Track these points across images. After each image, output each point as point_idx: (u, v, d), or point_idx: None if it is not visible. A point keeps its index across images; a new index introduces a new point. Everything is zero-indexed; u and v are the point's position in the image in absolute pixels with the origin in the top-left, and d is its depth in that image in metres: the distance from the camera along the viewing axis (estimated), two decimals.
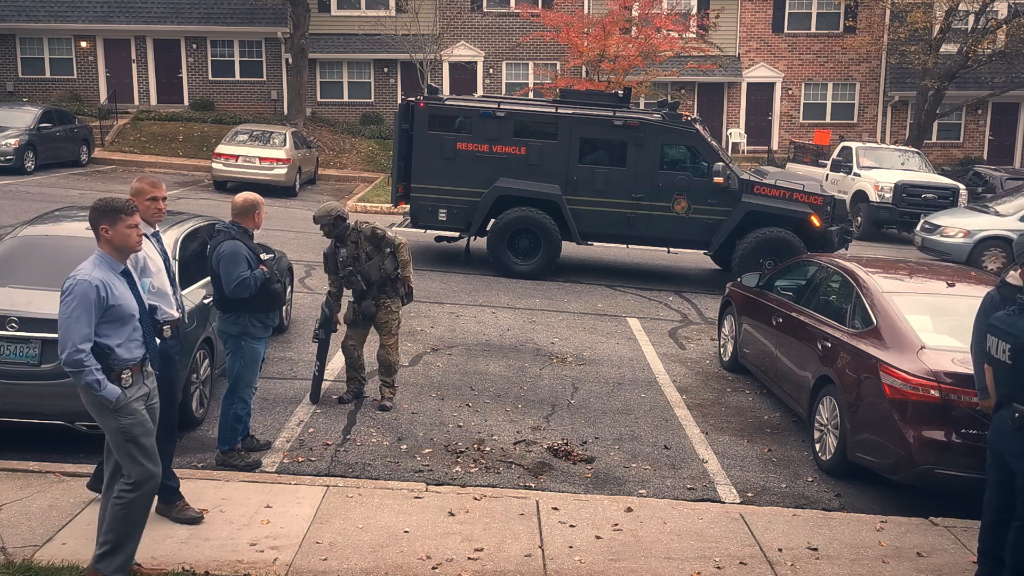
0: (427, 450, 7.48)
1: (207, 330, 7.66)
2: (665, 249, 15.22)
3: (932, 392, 6.63)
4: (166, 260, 5.73)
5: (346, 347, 8.50)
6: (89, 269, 4.86)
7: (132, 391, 4.89)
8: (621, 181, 14.51)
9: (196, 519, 5.85)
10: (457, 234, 15.13)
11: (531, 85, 31.15)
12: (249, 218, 6.89)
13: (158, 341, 5.36)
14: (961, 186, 22.35)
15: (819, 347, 8.01)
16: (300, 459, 7.12)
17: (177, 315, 5.77)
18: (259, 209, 6.92)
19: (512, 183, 14.52)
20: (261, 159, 22.69)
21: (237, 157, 22.74)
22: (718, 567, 5.79)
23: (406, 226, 15.17)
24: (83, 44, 31.70)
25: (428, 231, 15.18)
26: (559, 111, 14.73)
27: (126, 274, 4.98)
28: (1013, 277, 6.30)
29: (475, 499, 6.50)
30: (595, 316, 12.52)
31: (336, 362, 9.50)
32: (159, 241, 5.73)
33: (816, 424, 7.87)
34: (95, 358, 4.73)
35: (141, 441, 4.90)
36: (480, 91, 31.49)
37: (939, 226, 18.13)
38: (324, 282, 13.28)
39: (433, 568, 5.51)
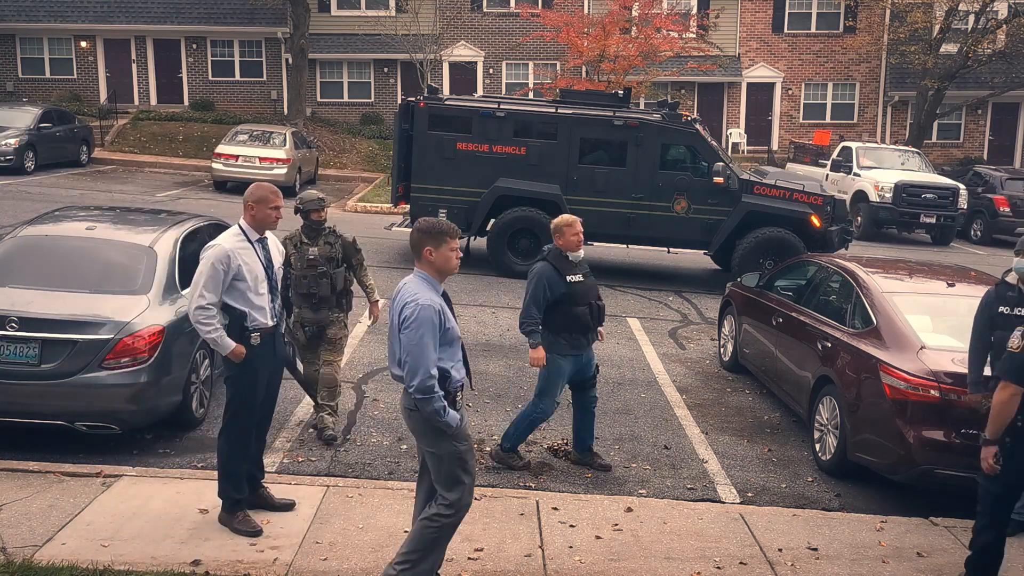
0: None
1: None
2: (665, 249, 15.22)
3: (932, 392, 6.63)
4: (268, 268, 5.75)
5: (310, 376, 7.53)
6: (423, 291, 4.76)
7: (462, 414, 4.87)
8: (621, 181, 14.50)
9: (256, 532, 5.75)
10: None
11: (531, 85, 31.15)
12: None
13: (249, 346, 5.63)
14: (961, 186, 22.36)
15: (819, 347, 8.01)
16: (300, 459, 7.12)
17: (271, 324, 5.77)
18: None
19: (512, 183, 14.51)
20: (261, 159, 22.70)
21: (237, 157, 22.74)
22: (718, 567, 5.79)
23: (406, 226, 15.15)
24: (83, 44, 31.70)
25: None
26: (559, 111, 14.73)
27: (445, 296, 4.93)
28: (1013, 276, 6.30)
29: (475, 499, 6.48)
30: None
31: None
32: (264, 248, 5.79)
33: (816, 424, 7.87)
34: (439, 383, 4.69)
35: (469, 466, 4.91)
36: (480, 91, 31.48)
37: None
38: None
39: None
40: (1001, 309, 6.22)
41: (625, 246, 15.22)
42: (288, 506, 6.09)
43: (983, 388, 6.22)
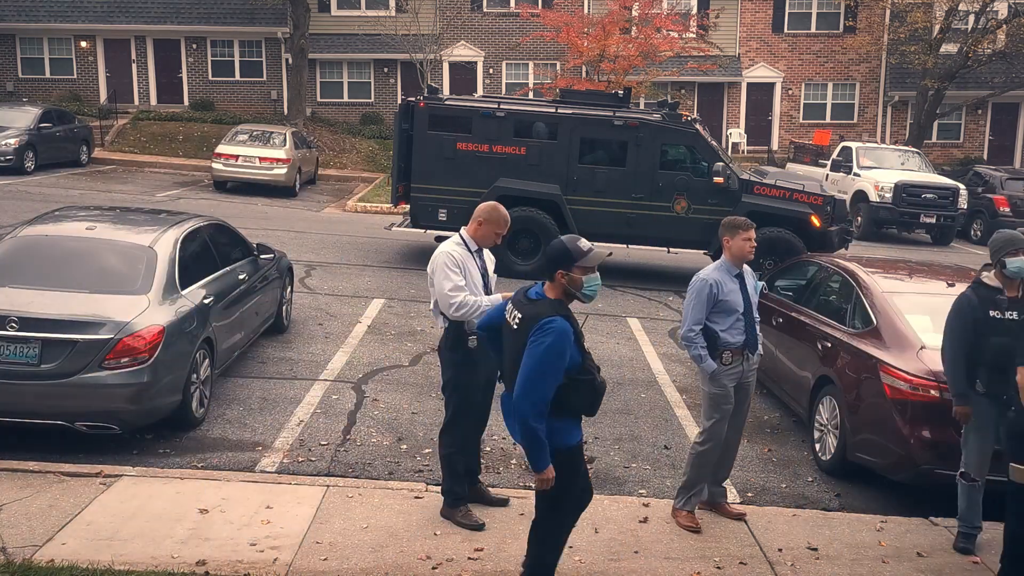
0: (427, 450, 7.48)
1: (207, 330, 7.65)
2: (665, 249, 15.22)
3: (932, 392, 6.63)
4: (484, 276, 6.08)
5: None
6: (710, 271, 6.38)
7: (728, 369, 6.22)
8: (621, 181, 14.50)
9: (478, 526, 6.01)
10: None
11: (531, 85, 31.16)
12: None
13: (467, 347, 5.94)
14: (961, 186, 22.36)
15: (819, 347, 8.01)
16: (300, 459, 7.12)
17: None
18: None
19: (512, 183, 14.51)
20: (261, 159, 22.70)
21: (237, 157, 22.74)
22: (718, 567, 5.79)
23: (406, 226, 15.15)
24: (83, 44, 31.71)
25: (428, 231, 15.17)
26: (559, 111, 14.72)
27: (739, 277, 6.37)
28: (989, 277, 6.19)
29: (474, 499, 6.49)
30: (595, 316, 12.51)
31: (337, 361, 9.52)
32: (481, 258, 6.16)
33: (816, 424, 7.87)
34: (704, 339, 6.21)
35: (723, 408, 6.25)
36: (480, 91, 31.48)
37: None
38: (325, 281, 13.38)
39: (433, 568, 5.51)
40: (992, 313, 5.99)
41: (625, 246, 15.20)
42: (503, 502, 6.35)
43: (969, 401, 6.09)
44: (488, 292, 6.08)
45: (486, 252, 6.28)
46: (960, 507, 6.31)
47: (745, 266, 6.50)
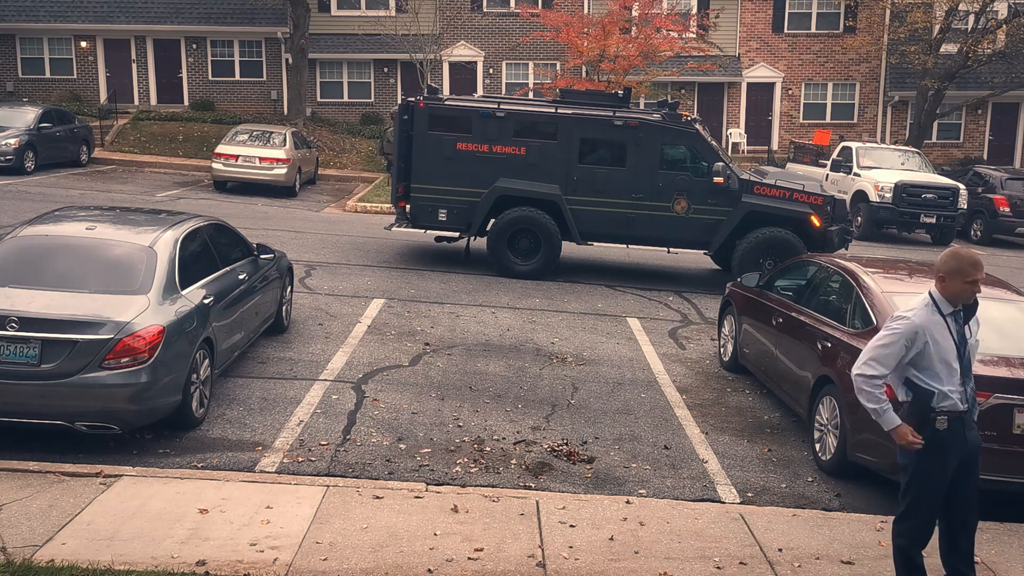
0: (427, 450, 7.48)
1: (207, 330, 7.66)
2: (665, 249, 15.21)
3: None
4: (961, 345, 5.15)
5: None
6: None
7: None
8: (621, 181, 14.50)
9: None
10: (457, 234, 15.12)
11: (531, 85, 31.16)
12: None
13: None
14: (961, 186, 22.36)
15: (819, 347, 8.01)
16: (300, 459, 7.12)
17: (961, 408, 5.15)
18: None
19: (512, 183, 14.51)
20: (261, 159, 22.70)
21: (237, 157, 22.74)
22: (718, 567, 5.79)
23: (404, 226, 15.15)
24: (83, 44, 31.71)
25: (428, 231, 15.17)
26: (559, 111, 14.72)
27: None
28: None
29: (475, 499, 6.50)
30: (595, 316, 12.52)
31: (337, 361, 9.52)
32: (958, 322, 5.17)
33: (816, 424, 7.87)
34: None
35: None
36: (480, 91, 31.49)
37: None
38: (324, 281, 13.39)
39: (433, 568, 5.51)
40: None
41: (625, 246, 15.20)
42: None
43: None
44: (964, 364, 5.16)
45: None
46: None
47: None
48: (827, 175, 23.50)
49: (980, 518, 5.53)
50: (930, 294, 5.16)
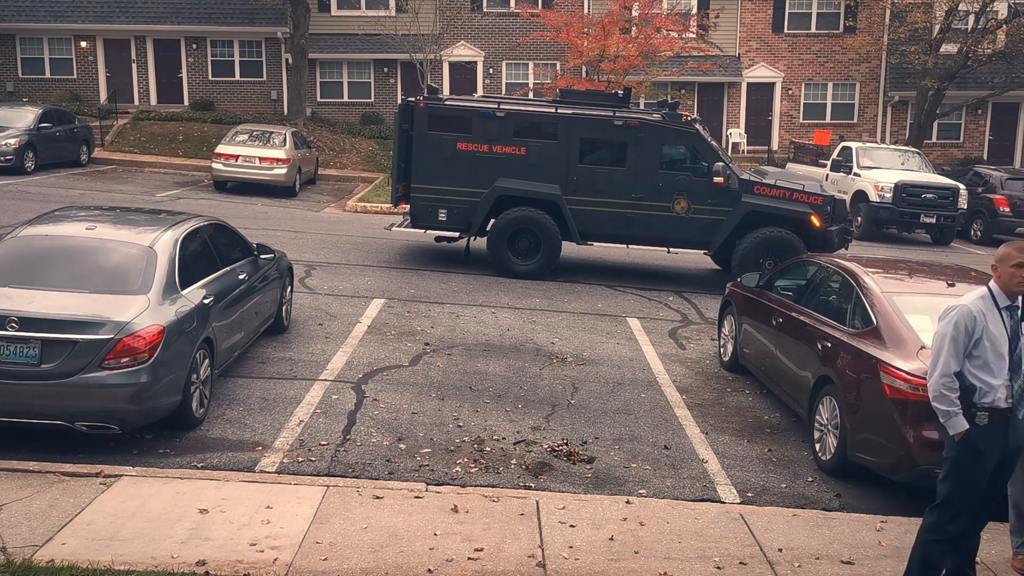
0: (427, 450, 7.48)
1: (207, 330, 7.66)
2: (665, 249, 15.22)
3: None
4: (1014, 340, 5.09)
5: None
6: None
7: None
8: (621, 181, 14.50)
9: None
10: (457, 234, 15.12)
11: (531, 85, 31.16)
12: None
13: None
14: (961, 186, 22.36)
15: (819, 347, 8.01)
16: (300, 459, 7.12)
17: (1004, 405, 5.11)
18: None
19: (512, 183, 14.51)
20: (261, 159, 22.70)
21: (237, 157, 22.74)
22: (718, 567, 5.79)
23: (406, 226, 15.15)
24: (83, 44, 31.71)
25: (428, 231, 15.17)
26: (559, 111, 14.72)
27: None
28: None
29: (475, 499, 6.50)
30: (595, 316, 12.52)
31: (337, 361, 9.51)
32: (1013, 316, 5.15)
33: (816, 424, 7.87)
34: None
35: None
36: (480, 91, 31.49)
37: None
38: (324, 281, 13.39)
39: (433, 568, 5.51)
40: None
41: (625, 246, 15.21)
42: None
43: None
44: (1014, 360, 5.11)
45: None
46: None
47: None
48: (827, 175, 23.50)
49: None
50: (988, 287, 5.14)
